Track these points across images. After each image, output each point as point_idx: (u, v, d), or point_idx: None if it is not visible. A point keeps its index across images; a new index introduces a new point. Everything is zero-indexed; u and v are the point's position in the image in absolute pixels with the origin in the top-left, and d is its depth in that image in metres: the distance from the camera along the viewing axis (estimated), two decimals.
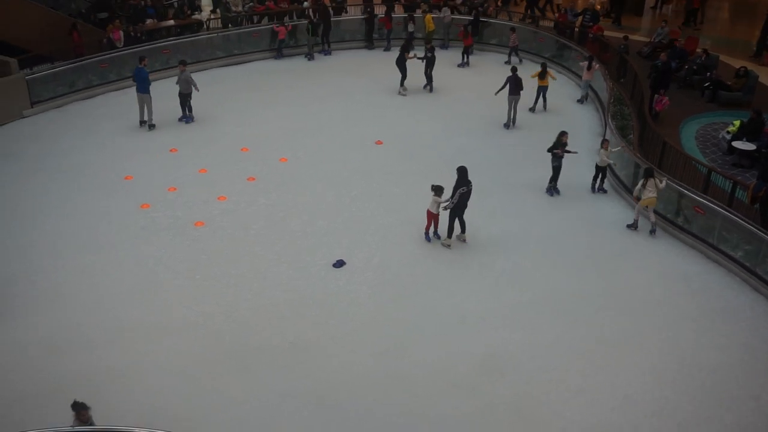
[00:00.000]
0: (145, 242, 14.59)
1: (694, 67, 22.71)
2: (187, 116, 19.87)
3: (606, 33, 25.61)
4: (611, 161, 16.57)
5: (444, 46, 25.91)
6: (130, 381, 11.15)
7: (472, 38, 24.74)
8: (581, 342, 12.23)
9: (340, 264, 14.02)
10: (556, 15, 28.10)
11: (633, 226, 15.37)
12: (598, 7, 28.99)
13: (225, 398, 10.91)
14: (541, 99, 21.12)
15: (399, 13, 26.76)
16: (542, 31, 25.64)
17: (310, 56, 24.92)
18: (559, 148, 16.22)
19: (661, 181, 14.74)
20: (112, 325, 12.33)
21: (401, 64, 21.66)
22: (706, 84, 21.88)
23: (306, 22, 25.02)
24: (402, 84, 21.89)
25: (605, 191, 16.85)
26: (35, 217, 15.29)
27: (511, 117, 20.08)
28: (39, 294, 13.03)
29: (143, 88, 19.10)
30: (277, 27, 24.34)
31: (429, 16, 25.45)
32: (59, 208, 15.63)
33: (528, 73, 21.25)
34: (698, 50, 24.20)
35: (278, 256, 14.25)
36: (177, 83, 19.57)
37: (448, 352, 11.95)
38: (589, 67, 21.53)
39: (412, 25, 25.60)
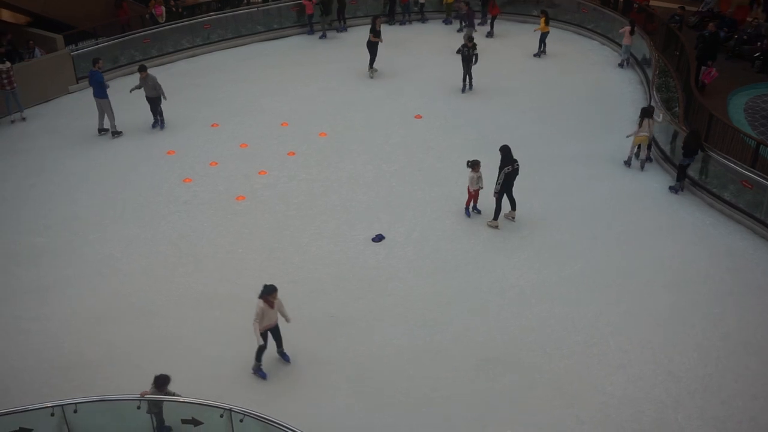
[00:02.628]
0: (187, 216, 14.81)
1: (744, 37, 22.02)
2: (158, 121, 18.18)
3: (652, 2, 24.98)
4: (658, 121, 16.22)
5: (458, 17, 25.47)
6: (174, 351, 11.40)
7: (498, 8, 24.30)
8: (623, 317, 12.11)
9: (379, 238, 14.05)
10: None
11: (627, 163, 16.35)
12: None
13: (267, 369, 11.08)
14: (542, 44, 22.45)
15: None
16: (585, 2, 25.05)
17: (322, 35, 24.13)
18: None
19: (658, 116, 16.07)
20: (156, 297, 12.61)
21: (371, 46, 20.82)
22: (757, 54, 21.21)
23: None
24: (370, 66, 21.06)
25: (651, 160, 16.57)
26: (80, 190, 15.62)
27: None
28: (86, 265, 13.36)
29: (100, 93, 17.38)
30: (305, 1, 24.07)
31: None
32: (103, 182, 15.93)
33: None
34: (748, 19, 23.45)
35: (318, 231, 14.35)
36: (144, 90, 17.81)
37: (487, 326, 11.95)
38: (633, 32, 21.23)
39: None
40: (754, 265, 13.36)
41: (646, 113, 15.88)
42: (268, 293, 10.69)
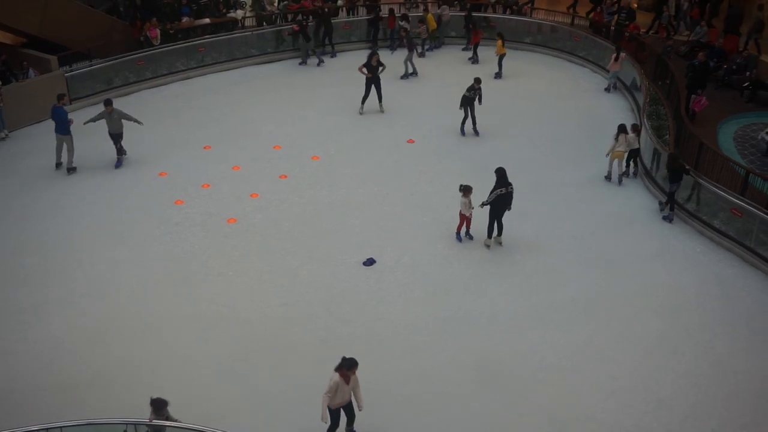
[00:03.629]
0: (178, 238, 14.78)
1: (734, 67, 22.29)
2: (119, 159, 17.45)
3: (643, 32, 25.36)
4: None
5: (439, 45, 25.76)
6: (164, 374, 11.31)
7: (481, 34, 24.58)
8: (614, 343, 12.10)
9: (370, 262, 14.05)
10: (592, 15, 27.76)
11: (608, 178, 17.02)
12: (635, 5, 28.56)
13: (257, 393, 11.02)
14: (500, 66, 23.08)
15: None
16: (578, 29, 25.37)
17: (302, 62, 24.08)
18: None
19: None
20: (145, 320, 12.53)
21: (366, 81, 20.08)
22: (746, 84, 21.46)
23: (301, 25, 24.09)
24: (362, 102, 20.38)
25: (628, 175, 17.26)
26: (72, 212, 15.57)
27: (410, 70, 22.87)
28: (75, 287, 13.29)
29: (63, 129, 16.73)
30: (297, 27, 24.23)
31: (431, 15, 25.26)
32: (95, 203, 15.90)
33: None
34: (738, 49, 23.75)
35: (309, 254, 14.33)
36: (108, 125, 17.03)
37: (478, 351, 11.92)
38: (617, 58, 21.66)
39: (407, 24, 25.28)
40: (744, 293, 13.40)
41: (622, 129, 16.73)
42: (348, 367, 9.54)
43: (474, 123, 19.22)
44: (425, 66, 23.78)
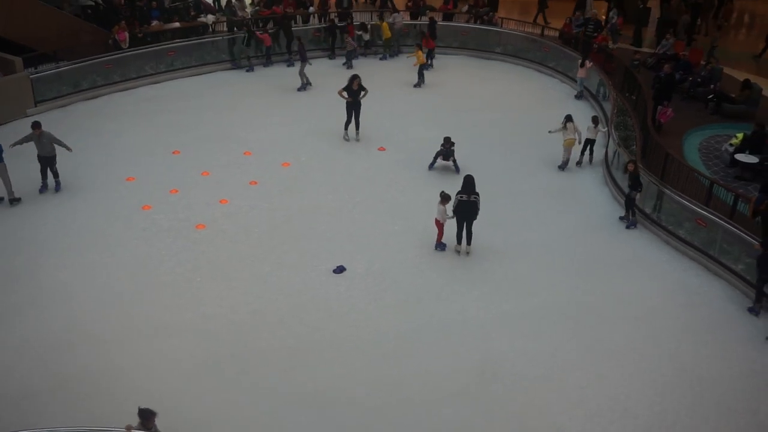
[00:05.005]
0: (146, 243, 14.59)
1: (698, 79, 22.72)
2: (45, 184, 16.22)
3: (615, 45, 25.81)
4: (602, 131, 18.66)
5: (394, 53, 25.99)
6: (131, 382, 11.14)
7: (434, 42, 24.78)
8: (581, 351, 12.20)
9: (340, 270, 14.00)
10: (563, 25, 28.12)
11: (562, 167, 18.08)
12: (603, 17, 29.03)
13: (225, 401, 10.90)
14: (421, 75, 23.29)
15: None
16: (546, 40, 25.68)
17: (235, 65, 23.89)
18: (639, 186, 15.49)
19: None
20: (113, 326, 12.34)
21: (347, 106, 19.01)
22: (710, 96, 21.88)
23: (244, 31, 24.22)
24: (345, 127, 19.32)
25: (590, 162, 18.48)
26: (37, 216, 15.30)
27: (305, 81, 22.57)
28: (42, 292, 13.04)
29: None
30: (261, 34, 24.20)
31: (386, 24, 25.44)
32: (61, 208, 15.64)
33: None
34: (702, 62, 24.23)
35: (279, 260, 14.25)
36: (37, 148, 15.94)
37: (448, 359, 11.93)
38: (582, 65, 22.22)
39: (367, 35, 25.38)
40: (708, 302, 13.62)
41: (569, 119, 17.89)
42: None
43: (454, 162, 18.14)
44: (392, 75, 23.78)
